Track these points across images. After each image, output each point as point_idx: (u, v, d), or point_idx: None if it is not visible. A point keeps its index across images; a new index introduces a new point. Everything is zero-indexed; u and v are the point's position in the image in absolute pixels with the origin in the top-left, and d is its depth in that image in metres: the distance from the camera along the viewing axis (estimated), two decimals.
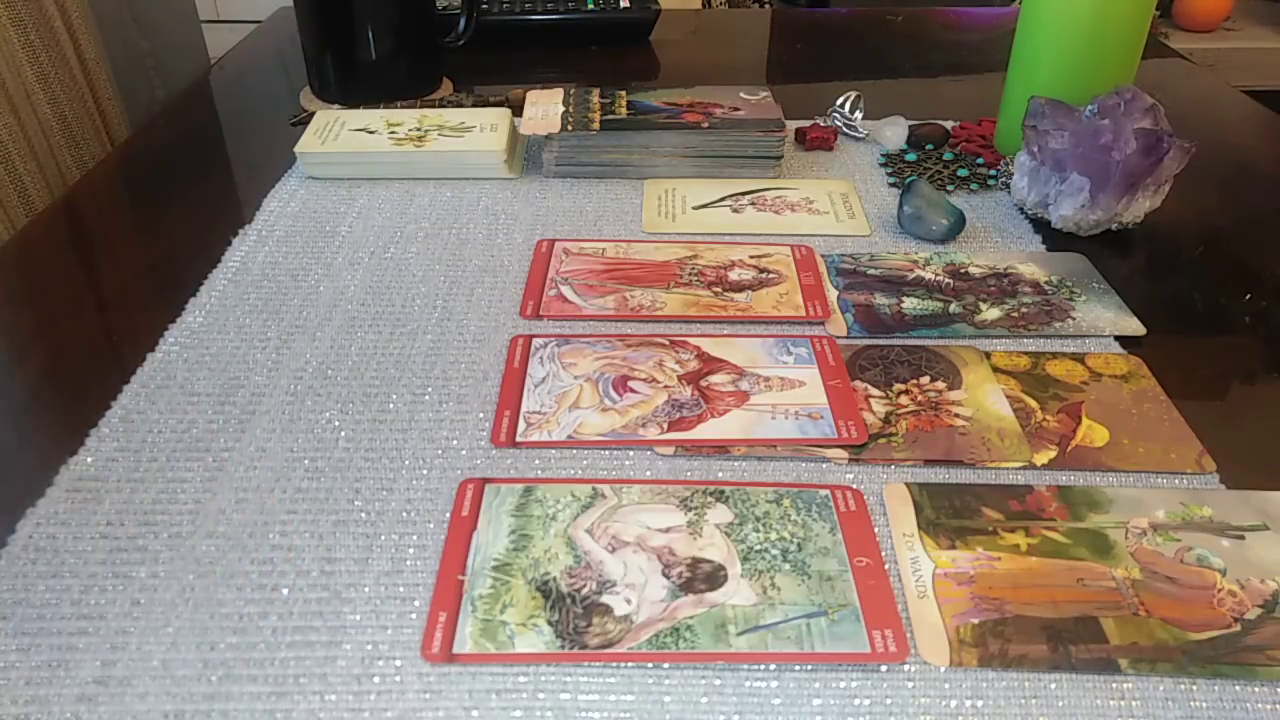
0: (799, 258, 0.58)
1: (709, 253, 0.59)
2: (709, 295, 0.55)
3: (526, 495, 0.41)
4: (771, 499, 0.41)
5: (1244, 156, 0.77)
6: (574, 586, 0.37)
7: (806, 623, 0.36)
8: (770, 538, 0.39)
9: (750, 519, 0.40)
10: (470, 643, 0.35)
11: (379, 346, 0.51)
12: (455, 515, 0.40)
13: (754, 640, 0.35)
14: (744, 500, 0.41)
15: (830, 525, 0.40)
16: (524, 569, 0.38)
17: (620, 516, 0.40)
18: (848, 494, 0.41)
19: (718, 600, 0.36)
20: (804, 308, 0.54)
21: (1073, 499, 0.41)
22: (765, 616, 0.36)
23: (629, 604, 0.36)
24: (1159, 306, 0.55)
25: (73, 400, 0.47)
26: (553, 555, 0.38)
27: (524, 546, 0.38)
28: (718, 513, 0.40)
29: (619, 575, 0.37)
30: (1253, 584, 0.38)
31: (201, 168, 0.72)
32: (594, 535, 0.39)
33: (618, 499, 0.41)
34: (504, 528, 0.39)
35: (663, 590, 0.37)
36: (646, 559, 0.38)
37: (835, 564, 0.38)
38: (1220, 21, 1.97)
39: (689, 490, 0.41)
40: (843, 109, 0.75)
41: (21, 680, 0.34)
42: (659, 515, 0.40)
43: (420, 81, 0.81)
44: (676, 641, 0.35)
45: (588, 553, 0.38)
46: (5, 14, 0.78)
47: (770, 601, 0.36)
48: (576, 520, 0.40)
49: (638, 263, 0.58)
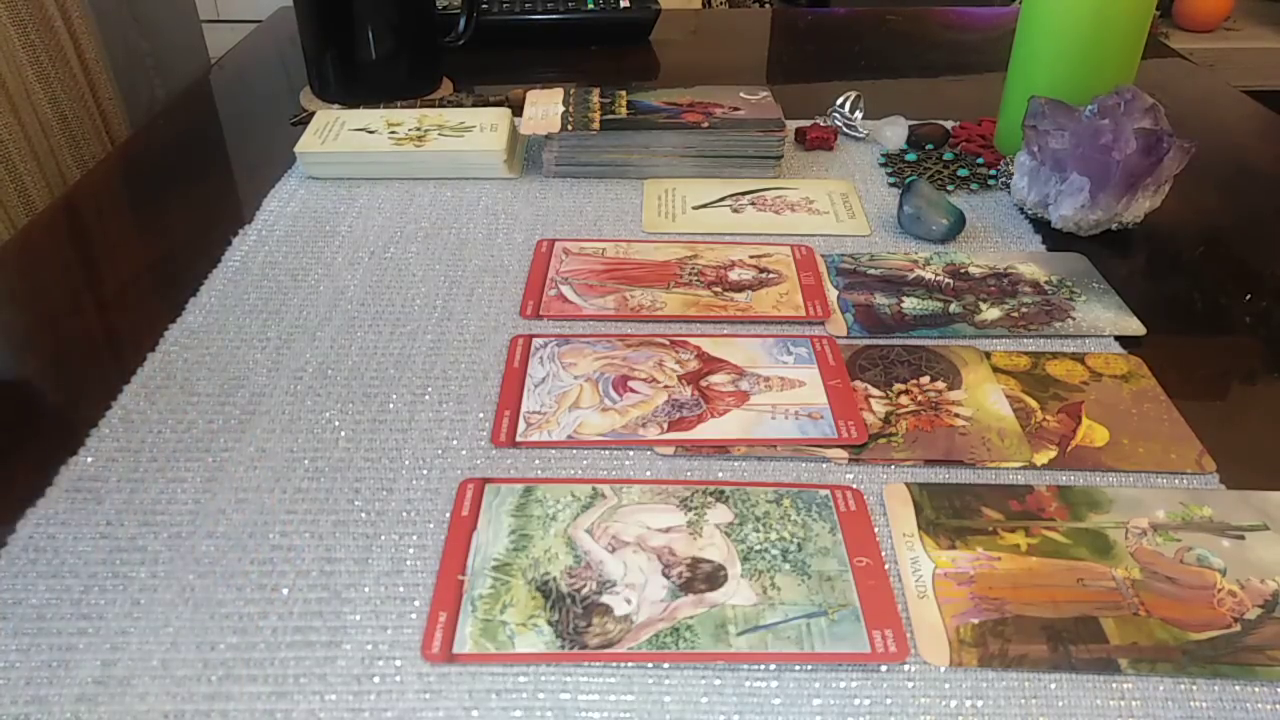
0: (799, 258, 0.58)
1: (709, 253, 0.59)
2: (709, 295, 0.55)
3: (526, 495, 0.41)
4: (771, 499, 0.41)
5: (1244, 156, 0.77)
6: (574, 586, 0.37)
7: (806, 623, 0.36)
8: (770, 538, 0.39)
9: (750, 519, 0.40)
10: (470, 643, 0.35)
11: (379, 346, 0.51)
12: (455, 515, 0.40)
13: (754, 640, 0.35)
14: (744, 500, 0.41)
15: (830, 525, 0.40)
16: (524, 569, 0.38)
17: (620, 516, 0.40)
18: (848, 494, 0.41)
19: (718, 600, 0.36)
20: (804, 307, 0.54)
21: (1073, 499, 0.41)
22: (765, 616, 0.36)
23: (629, 604, 0.36)
24: (1159, 306, 0.55)
25: (73, 400, 0.47)
26: (553, 555, 0.38)
27: (524, 546, 0.38)
28: (718, 513, 0.40)
29: (619, 575, 0.37)
30: (1253, 584, 0.38)
31: (201, 168, 0.72)
32: (594, 535, 0.39)
33: (618, 499, 0.41)
34: (504, 528, 0.39)
35: (663, 590, 0.37)
36: (646, 559, 0.38)
37: (835, 564, 0.38)
38: (1220, 21, 1.97)
39: (689, 490, 0.41)
40: (843, 109, 0.75)
41: (21, 680, 0.34)
42: (659, 515, 0.40)
43: (420, 81, 0.81)
44: (676, 641, 0.35)
45: (588, 553, 0.38)
46: (6, 13, 0.78)
47: (770, 601, 0.36)
48: (576, 520, 0.40)
49: (638, 263, 0.58)
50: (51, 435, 0.45)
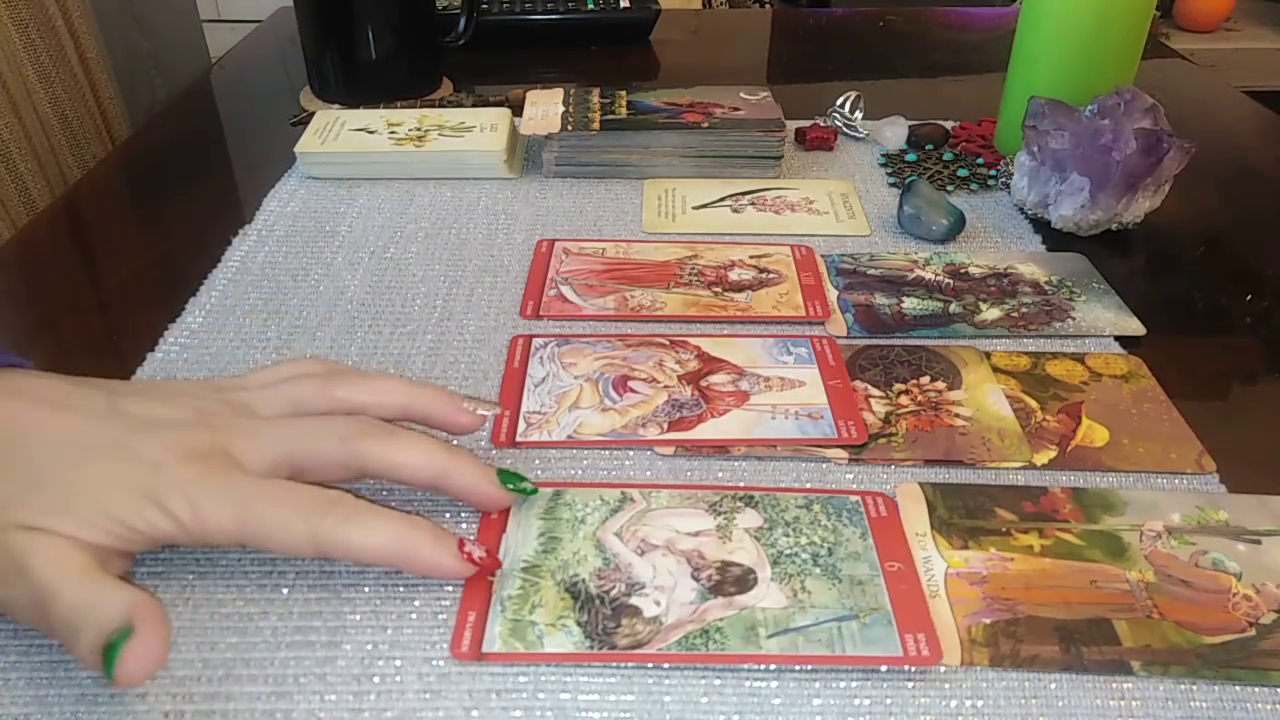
0: (799, 258, 0.58)
1: (709, 253, 0.59)
2: (709, 295, 0.55)
3: (556, 499, 0.41)
4: (801, 504, 0.41)
5: (1244, 157, 0.77)
6: (603, 588, 0.37)
7: (838, 625, 0.35)
8: (800, 542, 0.39)
9: (780, 524, 0.40)
10: (500, 642, 0.35)
11: (379, 346, 0.51)
12: (484, 516, 0.40)
13: (784, 643, 0.35)
14: (773, 505, 0.41)
15: (861, 530, 0.39)
16: (553, 570, 0.37)
17: (649, 520, 0.40)
18: (879, 499, 0.41)
19: (747, 603, 0.36)
20: (804, 307, 0.54)
21: (1087, 501, 0.41)
22: (796, 619, 0.35)
23: (658, 605, 0.36)
24: (1159, 306, 0.55)
25: None
26: (581, 557, 0.38)
27: (553, 549, 0.38)
28: (747, 517, 0.40)
29: (648, 577, 0.37)
30: (1268, 589, 0.37)
31: (201, 167, 0.72)
32: (623, 538, 0.39)
33: (646, 503, 0.41)
34: (533, 530, 0.39)
35: (692, 592, 0.37)
36: (675, 562, 0.38)
37: (866, 568, 0.38)
38: (1221, 22, 1.97)
39: (718, 495, 0.41)
40: (843, 109, 0.75)
41: (22, 680, 0.34)
42: (688, 519, 0.40)
43: (420, 81, 0.81)
44: (706, 643, 0.35)
45: (616, 555, 0.38)
46: (6, 13, 0.78)
47: (801, 605, 0.36)
48: (605, 523, 0.40)
49: (638, 263, 0.58)
50: None
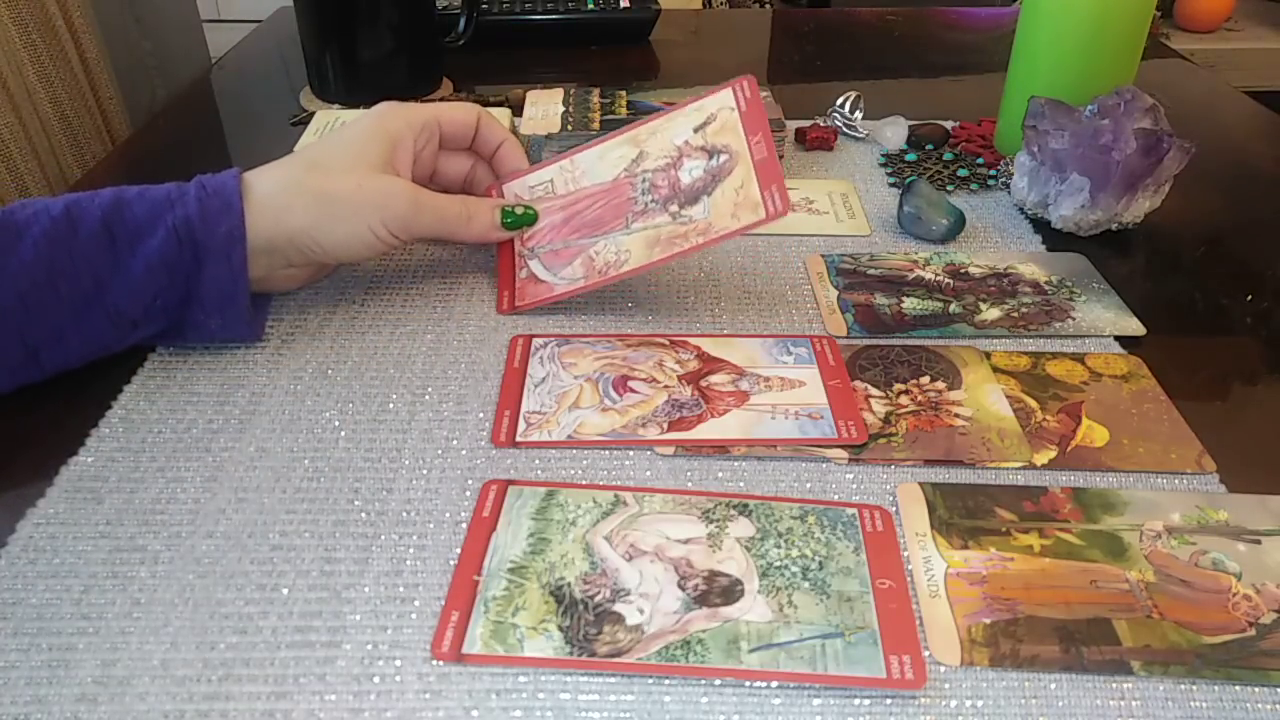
0: (743, 107, 0.53)
1: (653, 141, 0.54)
2: (669, 223, 0.52)
3: (548, 499, 0.41)
4: (796, 515, 0.40)
5: (1244, 157, 0.77)
6: (587, 593, 0.37)
7: (821, 643, 0.35)
8: (791, 554, 0.38)
9: (772, 534, 0.39)
10: (480, 643, 0.35)
11: (379, 346, 0.51)
12: (476, 515, 0.40)
13: (766, 658, 0.34)
14: (767, 515, 0.40)
15: (855, 545, 0.39)
16: (539, 573, 0.37)
17: (640, 525, 0.40)
18: (875, 514, 0.40)
19: (732, 615, 0.36)
20: (763, 204, 0.50)
21: (1087, 501, 0.41)
22: (779, 634, 0.35)
23: (641, 614, 0.36)
24: (1159, 306, 0.55)
25: (73, 400, 0.47)
26: (569, 560, 0.38)
27: (541, 550, 0.38)
28: (739, 526, 0.40)
29: (634, 584, 0.37)
30: (1268, 589, 0.37)
31: (201, 167, 0.72)
32: (612, 542, 0.39)
33: (639, 507, 0.40)
34: (523, 530, 0.39)
35: (677, 602, 0.36)
36: (663, 569, 0.38)
37: (856, 585, 0.37)
38: (1221, 22, 1.97)
39: (712, 502, 0.41)
40: (843, 109, 0.75)
41: (21, 680, 0.34)
42: (680, 525, 0.40)
43: (420, 81, 0.81)
44: (687, 655, 0.34)
45: (604, 559, 0.38)
46: (7, 13, 0.78)
47: (786, 619, 0.36)
48: (596, 526, 0.39)
49: (590, 193, 0.55)
50: (51, 435, 0.45)
